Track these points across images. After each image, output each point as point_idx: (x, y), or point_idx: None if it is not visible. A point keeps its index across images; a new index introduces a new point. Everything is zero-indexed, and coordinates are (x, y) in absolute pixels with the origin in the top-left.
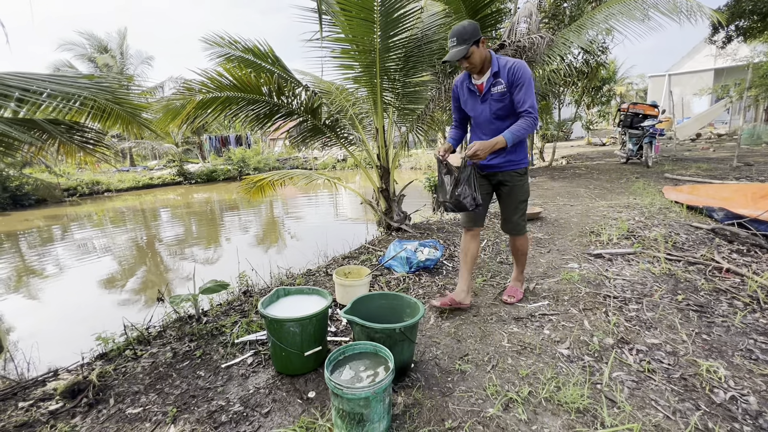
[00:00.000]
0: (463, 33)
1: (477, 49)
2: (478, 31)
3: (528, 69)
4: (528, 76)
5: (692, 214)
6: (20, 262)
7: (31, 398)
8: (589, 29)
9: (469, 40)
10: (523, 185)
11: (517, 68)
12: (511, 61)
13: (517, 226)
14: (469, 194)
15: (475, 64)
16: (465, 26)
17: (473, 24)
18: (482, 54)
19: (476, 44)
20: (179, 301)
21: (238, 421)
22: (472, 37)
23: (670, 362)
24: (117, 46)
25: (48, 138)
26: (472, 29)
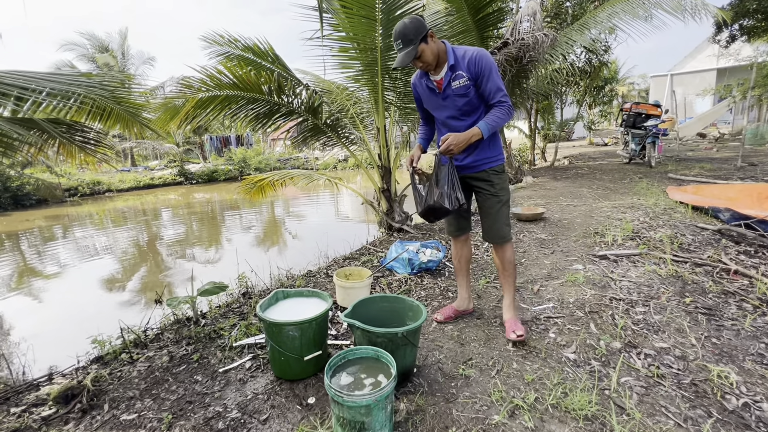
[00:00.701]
0: (407, 32)
1: (427, 46)
2: (423, 25)
3: (489, 55)
4: (490, 63)
5: (698, 214)
6: (21, 263)
7: (24, 403)
8: (591, 28)
9: (415, 39)
10: (503, 184)
11: (477, 58)
12: (470, 51)
13: (501, 232)
14: (447, 194)
15: (428, 62)
16: (406, 24)
17: (415, 19)
18: (434, 49)
19: (424, 41)
20: (177, 303)
21: (235, 428)
22: (418, 33)
23: (679, 367)
24: (118, 46)
25: (48, 138)
26: (414, 26)
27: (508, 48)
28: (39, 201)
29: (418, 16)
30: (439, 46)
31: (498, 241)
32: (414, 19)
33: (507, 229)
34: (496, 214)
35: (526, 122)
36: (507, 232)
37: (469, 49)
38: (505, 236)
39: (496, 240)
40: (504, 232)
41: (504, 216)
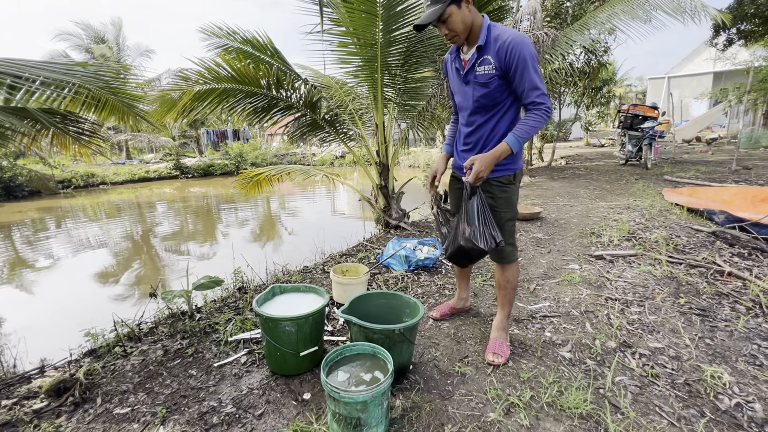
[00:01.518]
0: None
1: (458, 11)
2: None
3: (528, 44)
4: (527, 54)
5: (693, 216)
6: (12, 254)
7: (15, 396)
8: (591, 28)
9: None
10: (510, 197)
11: (512, 46)
12: (506, 35)
13: (504, 251)
14: (480, 231)
15: (455, 30)
16: None
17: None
18: (465, 18)
19: (456, 3)
20: (172, 297)
21: (230, 423)
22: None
23: (673, 367)
24: (113, 37)
25: (42, 128)
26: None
27: None
28: (32, 192)
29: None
30: (475, 16)
31: (500, 261)
32: None
33: (511, 249)
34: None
35: None
36: (511, 252)
37: (506, 31)
38: (509, 256)
39: (498, 260)
40: (507, 252)
41: (509, 233)
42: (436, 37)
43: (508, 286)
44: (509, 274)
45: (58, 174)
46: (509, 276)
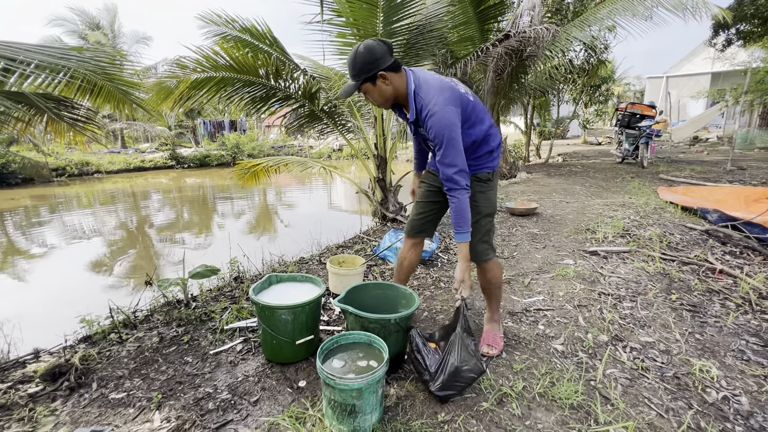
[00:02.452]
0: (354, 64)
1: (374, 88)
2: (375, 62)
3: (445, 122)
4: (445, 135)
5: (686, 215)
6: (5, 241)
7: (9, 380)
8: (592, 25)
9: (359, 76)
10: (489, 194)
11: (428, 126)
12: (427, 108)
13: (476, 250)
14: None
15: (376, 102)
16: (357, 55)
17: (368, 52)
18: (384, 92)
19: (370, 81)
20: (168, 285)
21: (225, 408)
22: (362, 72)
23: (663, 361)
24: (108, 23)
25: (36, 113)
26: (363, 60)
27: (509, 40)
28: (25, 180)
29: (377, 46)
30: (398, 86)
31: (473, 260)
32: (368, 50)
33: (485, 248)
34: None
35: (522, 118)
36: (485, 251)
37: (429, 102)
38: (483, 255)
39: (473, 258)
40: (481, 251)
41: (483, 231)
42: (436, 30)
43: (492, 287)
44: (491, 275)
45: (52, 162)
46: (491, 277)
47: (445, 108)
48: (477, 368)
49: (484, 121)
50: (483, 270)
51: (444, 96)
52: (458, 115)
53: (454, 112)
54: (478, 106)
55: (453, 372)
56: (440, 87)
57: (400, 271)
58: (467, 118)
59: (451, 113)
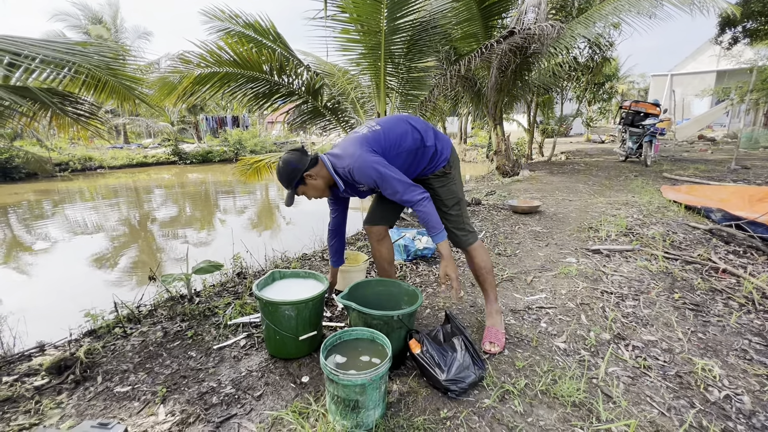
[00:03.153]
0: (281, 178)
1: (306, 187)
2: (297, 167)
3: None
4: (370, 178)
5: (690, 213)
6: (9, 236)
7: (15, 373)
8: (597, 21)
9: (289, 185)
10: (447, 187)
11: (357, 176)
12: (348, 170)
13: (455, 236)
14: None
15: (316, 196)
16: (280, 169)
17: (288, 163)
18: (318, 185)
19: (301, 182)
20: (171, 280)
21: (229, 403)
22: (291, 179)
23: (665, 359)
24: (111, 18)
25: (41, 108)
26: (287, 172)
27: (513, 37)
28: (28, 174)
29: (291, 157)
30: (322, 175)
31: (457, 246)
32: (286, 163)
33: (463, 233)
34: (443, 218)
35: (525, 116)
36: (464, 237)
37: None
38: (464, 241)
39: (456, 245)
40: (459, 237)
41: (455, 219)
42: (440, 26)
43: (482, 270)
44: (478, 258)
45: (55, 157)
46: (479, 260)
47: (361, 156)
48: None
49: (407, 132)
50: (469, 254)
51: (353, 149)
52: (374, 152)
53: (369, 152)
54: (390, 129)
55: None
56: (346, 147)
57: (381, 270)
58: (390, 145)
59: (367, 155)
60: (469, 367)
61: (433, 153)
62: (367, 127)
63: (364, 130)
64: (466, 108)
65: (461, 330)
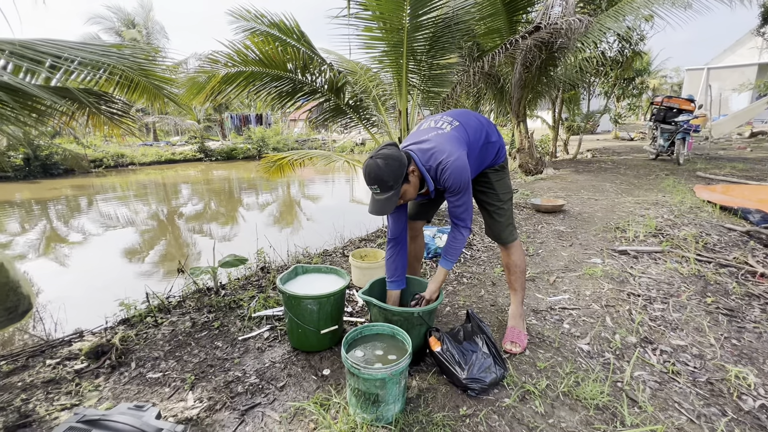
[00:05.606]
0: (384, 177)
1: (409, 185)
2: (402, 162)
3: (460, 173)
4: (460, 185)
5: (725, 215)
6: (48, 228)
7: (57, 356)
8: (627, 15)
9: (395, 183)
10: (506, 180)
11: (446, 176)
12: (441, 167)
13: (501, 231)
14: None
15: (411, 197)
16: (380, 167)
17: (391, 159)
18: (416, 183)
19: (405, 180)
20: (199, 272)
21: (253, 392)
22: (398, 176)
23: (696, 365)
24: (142, 20)
25: (79, 107)
26: (392, 169)
27: (540, 32)
28: (66, 170)
29: (391, 150)
30: (417, 174)
31: (499, 240)
32: (389, 158)
33: (511, 228)
34: (497, 210)
35: (550, 113)
36: (509, 234)
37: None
38: (507, 237)
39: (497, 239)
40: (506, 233)
41: (505, 214)
42: (463, 22)
43: (517, 270)
44: (515, 256)
45: (90, 153)
46: (515, 258)
47: (460, 158)
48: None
49: (480, 128)
50: (509, 250)
51: (451, 148)
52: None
53: (465, 154)
54: (468, 124)
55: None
56: (440, 143)
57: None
58: (472, 141)
59: (465, 158)
60: (490, 367)
61: (498, 148)
62: (445, 122)
63: (446, 127)
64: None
65: (483, 329)
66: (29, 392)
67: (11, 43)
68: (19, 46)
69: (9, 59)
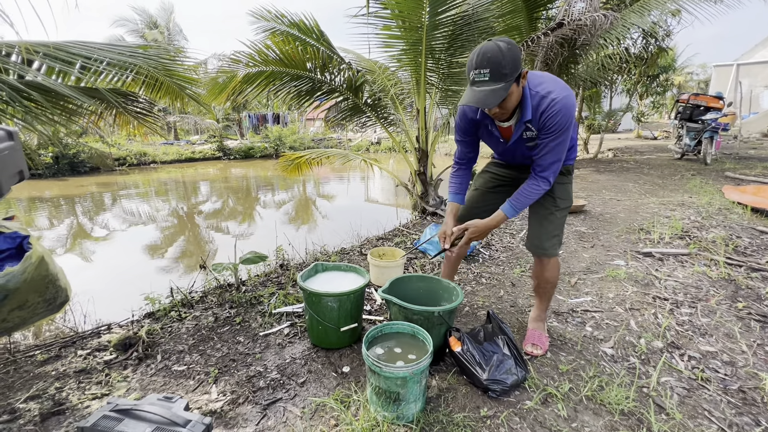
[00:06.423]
0: (503, 62)
1: (516, 88)
2: (520, 56)
3: (569, 113)
4: (565, 127)
5: (757, 217)
6: (75, 224)
7: (88, 347)
8: (653, 10)
9: (510, 75)
10: (566, 186)
11: (553, 112)
12: (549, 99)
13: (546, 240)
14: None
15: (507, 110)
16: (502, 50)
17: (514, 47)
18: (520, 94)
19: (518, 80)
20: (221, 268)
21: (275, 387)
22: (515, 69)
23: (726, 372)
24: (164, 22)
25: (107, 107)
26: (513, 56)
27: (562, 29)
28: (92, 168)
29: (514, 43)
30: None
31: (537, 251)
32: (513, 45)
33: (556, 241)
34: (547, 218)
35: None
36: (552, 246)
37: (550, 92)
38: (547, 248)
39: (535, 250)
40: (546, 243)
41: (554, 224)
42: (482, 20)
43: (548, 285)
44: (550, 272)
45: (114, 152)
46: (549, 275)
47: (572, 96)
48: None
49: None
50: (546, 265)
51: (564, 84)
52: None
53: (573, 96)
54: None
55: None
56: (554, 79)
57: (447, 264)
58: None
59: (573, 98)
60: (511, 368)
61: (573, 145)
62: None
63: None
64: None
65: (504, 330)
66: (62, 381)
67: (45, 46)
68: (52, 48)
69: (42, 61)
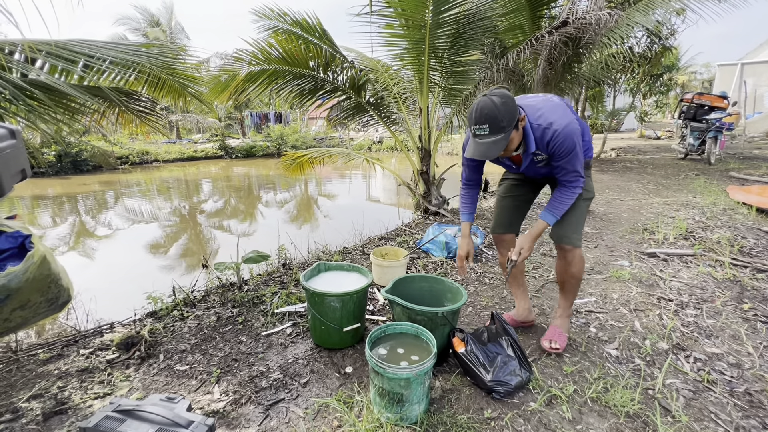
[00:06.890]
0: (499, 116)
1: (516, 133)
2: (516, 106)
3: (574, 137)
4: (573, 148)
5: (762, 217)
6: (78, 222)
7: (90, 346)
8: (658, 8)
9: (508, 126)
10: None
11: (558, 142)
12: (551, 131)
13: (571, 231)
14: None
15: (511, 150)
16: (497, 105)
17: (508, 99)
18: (519, 137)
19: (516, 127)
20: (224, 268)
21: (277, 387)
22: (512, 119)
23: (733, 374)
24: (166, 20)
25: (109, 105)
26: (509, 109)
27: (567, 27)
28: (95, 167)
29: (504, 91)
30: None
31: (562, 240)
32: (507, 98)
33: (579, 233)
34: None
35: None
36: (576, 235)
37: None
38: (570, 236)
39: (561, 240)
40: (569, 232)
41: (576, 213)
42: (486, 18)
43: (573, 279)
44: (575, 267)
45: (117, 151)
46: (574, 269)
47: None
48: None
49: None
50: (569, 258)
51: (562, 111)
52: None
53: (573, 120)
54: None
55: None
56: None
57: (513, 282)
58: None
59: (575, 123)
60: (515, 370)
61: (588, 147)
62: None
63: (555, 99)
64: None
65: (507, 331)
66: (65, 380)
67: (48, 44)
68: (55, 47)
69: (46, 59)
